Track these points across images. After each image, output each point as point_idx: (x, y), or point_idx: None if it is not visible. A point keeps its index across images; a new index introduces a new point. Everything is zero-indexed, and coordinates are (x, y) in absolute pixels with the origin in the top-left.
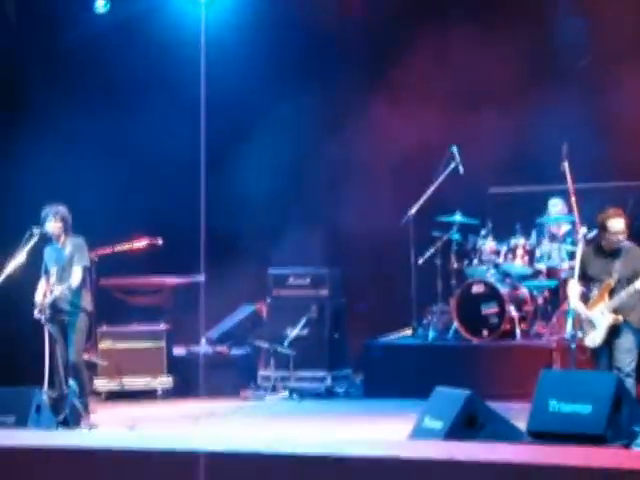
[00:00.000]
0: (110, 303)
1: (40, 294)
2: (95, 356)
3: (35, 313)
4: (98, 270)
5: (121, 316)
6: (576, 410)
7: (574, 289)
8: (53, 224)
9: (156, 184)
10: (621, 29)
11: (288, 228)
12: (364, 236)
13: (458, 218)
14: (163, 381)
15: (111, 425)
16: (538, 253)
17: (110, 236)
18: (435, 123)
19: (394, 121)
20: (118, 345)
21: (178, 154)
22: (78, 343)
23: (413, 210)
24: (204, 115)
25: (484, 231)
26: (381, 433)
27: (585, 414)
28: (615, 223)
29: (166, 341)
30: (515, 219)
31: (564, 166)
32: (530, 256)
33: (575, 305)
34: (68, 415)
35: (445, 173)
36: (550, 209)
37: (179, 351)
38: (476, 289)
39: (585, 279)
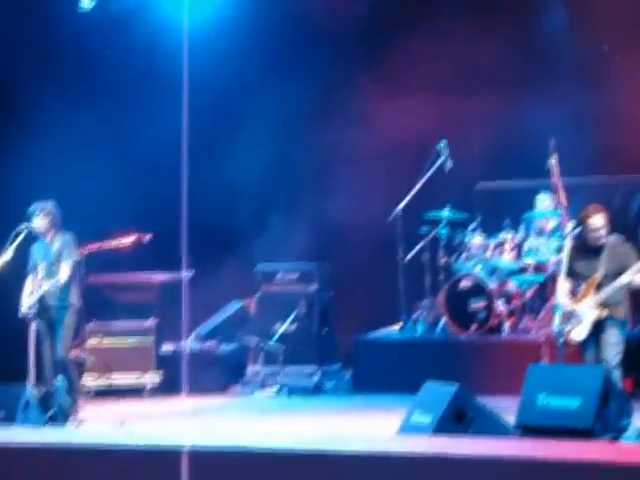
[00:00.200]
0: (98, 300)
1: (27, 291)
2: (83, 353)
3: (22, 310)
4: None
5: (109, 313)
6: (564, 404)
7: (563, 286)
8: (41, 220)
9: (143, 180)
10: (609, 23)
11: (276, 223)
12: (352, 231)
13: (446, 213)
14: (152, 377)
15: (100, 422)
16: (526, 248)
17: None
18: (423, 118)
19: (383, 116)
20: (106, 342)
21: (164, 150)
22: (66, 339)
23: (401, 205)
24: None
25: (472, 226)
26: (370, 428)
27: (573, 408)
28: (595, 220)
29: (154, 337)
30: (503, 214)
31: (552, 161)
32: (518, 251)
33: (562, 300)
34: (56, 412)
35: (433, 168)
36: (538, 204)
37: (167, 347)
38: (464, 284)
39: (572, 275)
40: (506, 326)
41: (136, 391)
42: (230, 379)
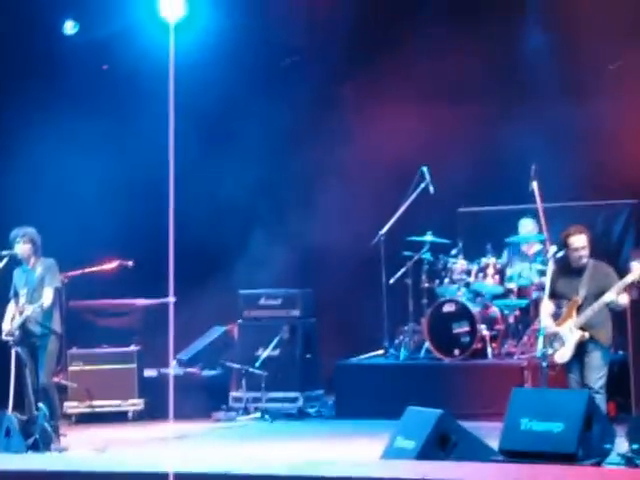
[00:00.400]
0: (80, 325)
1: (9, 317)
2: (65, 379)
3: (3, 336)
4: (68, 292)
5: (91, 338)
6: (547, 428)
7: (546, 308)
8: (22, 246)
9: (125, 206)
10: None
11: (259, 249)
12: (335, 256)
13: (429, 238)
14: (134, 403)
15: (82, 448)
16: (509, 272)
17: (80, 258)
18: (406, 142)
19: (365, 142)
20: (88, 367)
21: (147, 176)
22: (48, 365)
23: (384, 230)
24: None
25: (455, 250)
26: (353, 453)
27: (556, 432)
28: (575, 239)
29: (137, 363)
30: (485, 239)
31: (533, 186)
32: (501, 275)
33: (544, 321)
34: (38, 438)
35: (415, 193)
36: (520, 229)
37: (150, 373)
38: (447, 308)
39: (555, 297)
40: (489, 350)
41: (118, 417)
42: (213, 404)
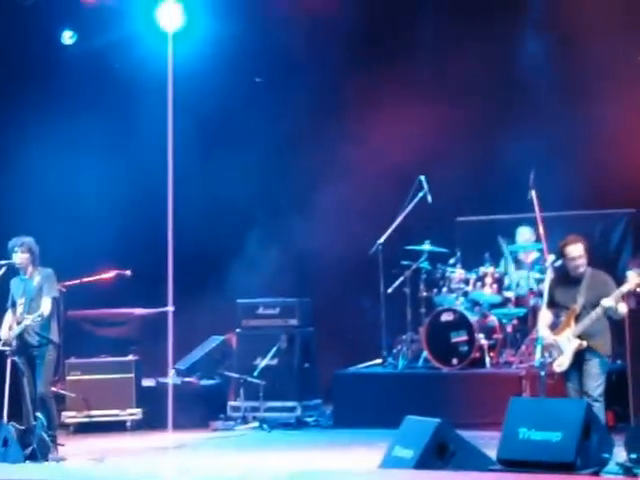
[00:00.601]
0: (78, 335)
1: (6, 327)
2: (63, 388)
3: (0, 345)
4: (66, 302)
5: (89, 348)
6: (546, 438)
7: (544, 317)
8: (20, 255)
9: (123, 216)
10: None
11: (257, 258)
12: (333, 265)
13: (427, 247)
14: (132, 413)
15: (79, 458)
16: (507, 281)
17: (78, 268)
18: (404, 153)
19: (363, 151)
20: (86, 377)
21: (145, 185)
22: (46, 375)
23: (382, 239)
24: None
25: (453, 260)
26: (351, 463)
27: (555, 442)
28: (572, 249)
29: (135, 372)
30: (483, 247)
31: (531, 195)
32: (499, 284)
33: (542, 331)
34: (36, 448)
35: (413, 202)
36: (518, 237)
37: (148, 382)
38: (445, 317)
39: (553, 306)
40: (487, 360)
41: (116, 427)
42: (211, 414)
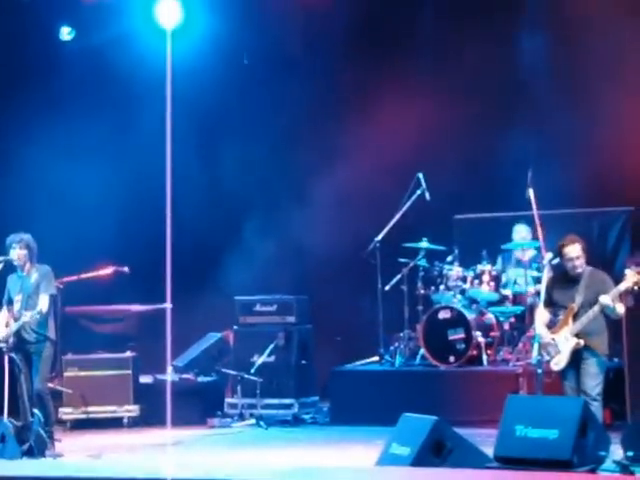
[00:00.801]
0: (76, 331)
1: (2, 324)
2: (60, 384)
3: None
4: (64, 298)
5: (87, 344)
6: (542, 435)
7: (541, 315)
8: (18, 252)
9: (121, 213)
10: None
11: (255, 255)
12: (331, 262)
13: (425, 244)
14: (129, 409)
15: (76, 454)
16: (504, 279)
17: (75, 264)
18: (402, 151)
19: (361, 147)
20: (84, 373)
21: (143, 182)
22: (43, 372)
23: (380, 236)
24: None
25: (450, 257)
26: (348, 460)
27: (551, 439)
28: (570, 249)
29: (132, 369)
30: (481, 245)
31: (529, 193)
32: (496, 282)
33: (539, 329)
34: (33, 444)
35: (411, 200)
36: (514, 235)
37: (145, 379)
38: (443, 315)
39: (551, 305)
40: (484, 357)
41: (113, 423)
42: (208, 411)
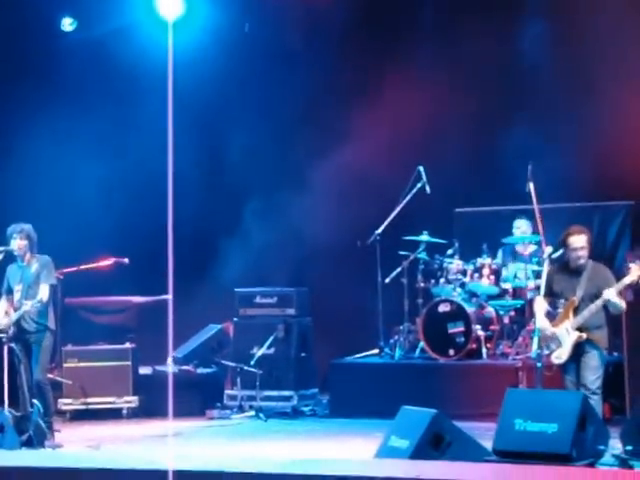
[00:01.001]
0: (76, 322)
1: (1, 312)
2: (60, 375)
3: None
4: (64, 289)
5: (86, 335)
6: (542, 429)
7: (540, 306)
8: (18, 242)
9: (121, 204)
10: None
11: (254, 247)
12: (331, 255)
13: (425, 237)
14: (129, 400)
15: (76, 445)
16: (504, 273)
17: (76, 255)
18: (402, 144)
19: (362, 140)
20: (83, 364)
21: (143, 173)
22: (43, 362)
23: (380, 229)
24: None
25: (451, 250)
26: (347, 452)
27: (550, 433)
28: (575, 239)
29: (132, 360)
30: (481, 239)
31: (529, 187)
32: (496, 276)
33: (540, 322)
34: (32, 435)
35: (412, 193)
36: (515, 229)
37: (145, 370)
38: (442, 308)
39: (551, 296)
40: (484, 351)
41: (113, 414)
42: (207, 402)
